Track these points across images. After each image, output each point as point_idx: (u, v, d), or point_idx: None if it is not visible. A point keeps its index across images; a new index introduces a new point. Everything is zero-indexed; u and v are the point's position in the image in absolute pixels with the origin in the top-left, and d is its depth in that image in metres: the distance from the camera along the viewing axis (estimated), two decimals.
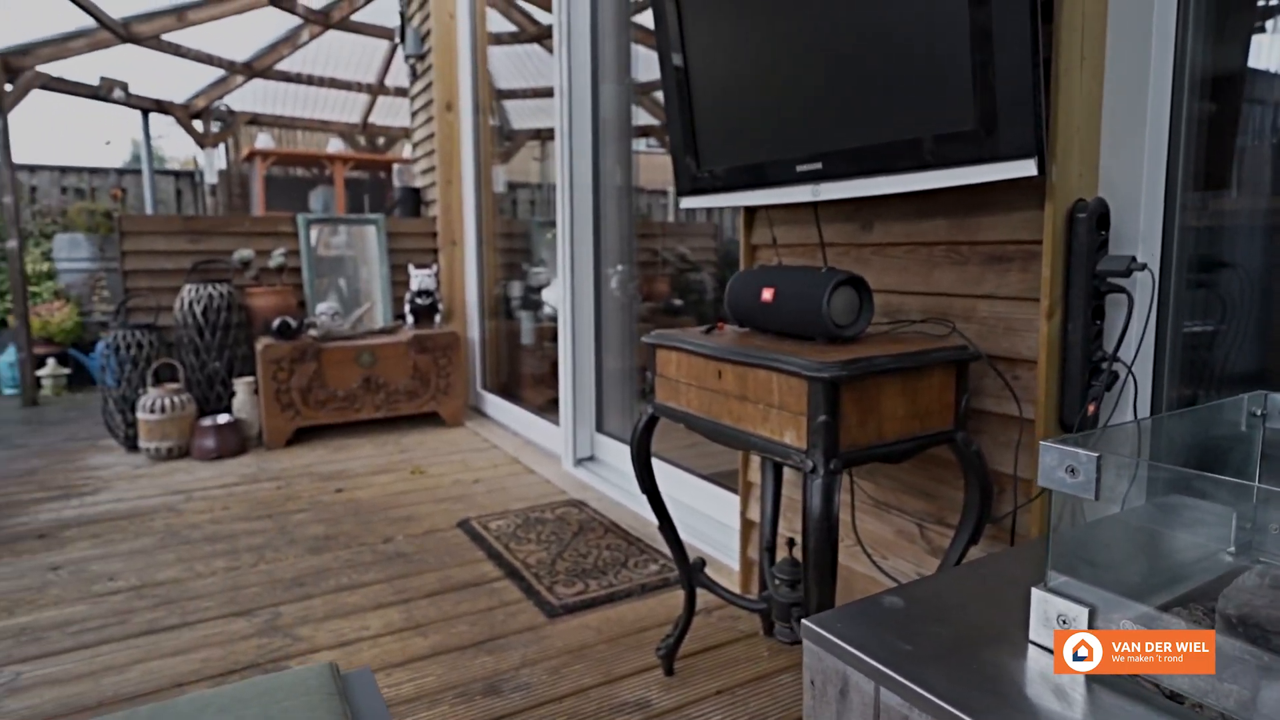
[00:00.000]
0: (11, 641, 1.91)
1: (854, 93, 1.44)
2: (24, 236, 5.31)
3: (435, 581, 2.20)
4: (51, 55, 5.19)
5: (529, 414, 3.85)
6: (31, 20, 5.11)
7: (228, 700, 1.02)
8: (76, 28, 5.14)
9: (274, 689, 1.05)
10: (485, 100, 4.49)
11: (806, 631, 0.77)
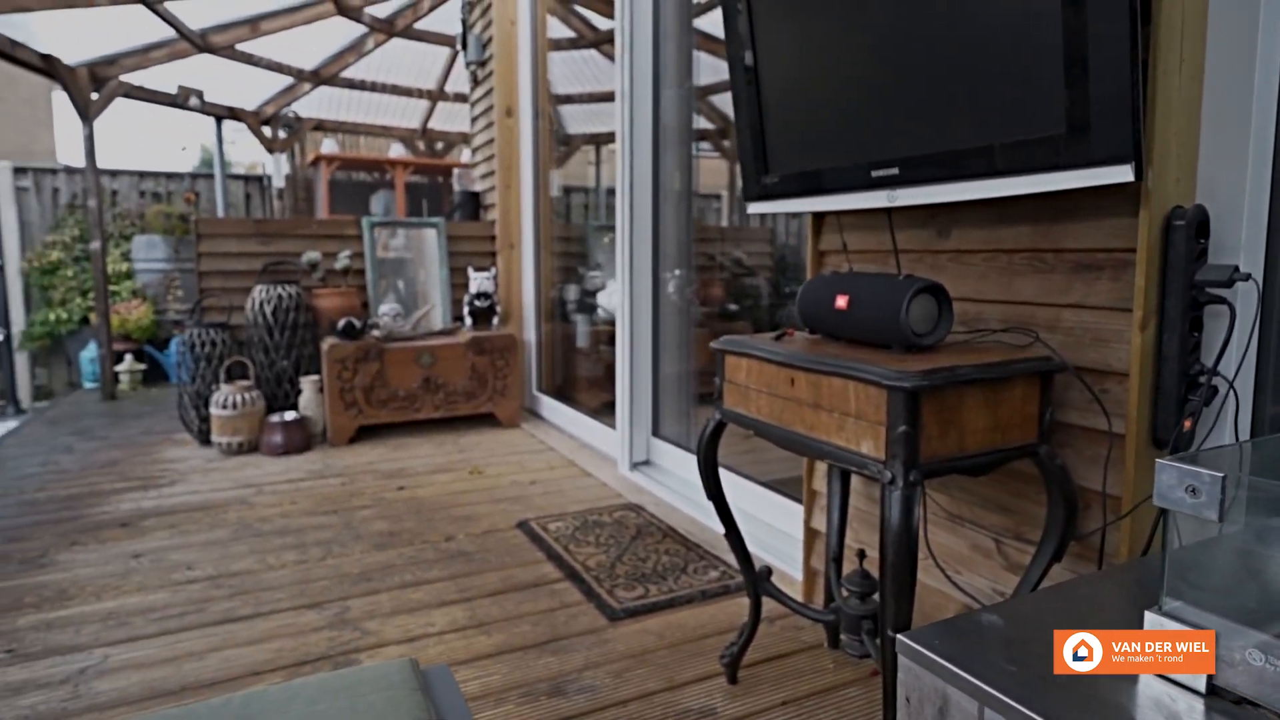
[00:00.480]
0: (99, 625, 2.00)
1: (935, 95, 1.41)
2: (105, 238, 5.57)
3: (497, 581, 2.23)
4: (134, 65, 5.45)
5: (584, 417, 3.88)
6: (116, 32, 5.33)
7: (315, 691, 1.05)
8: (157, 39, 5.37)
9: (357, 682, 1.08)
10: (544, 106, 4.54)
11: (903, 648, 0.75)
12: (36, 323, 5.96)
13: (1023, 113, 1.26)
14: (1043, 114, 1.22)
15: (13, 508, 2.93)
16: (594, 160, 6.24)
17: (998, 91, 1.30)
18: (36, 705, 1.65)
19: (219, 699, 1.04)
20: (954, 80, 1.37)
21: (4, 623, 2.01)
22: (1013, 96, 1.27)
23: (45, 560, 2.42)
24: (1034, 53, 1.22)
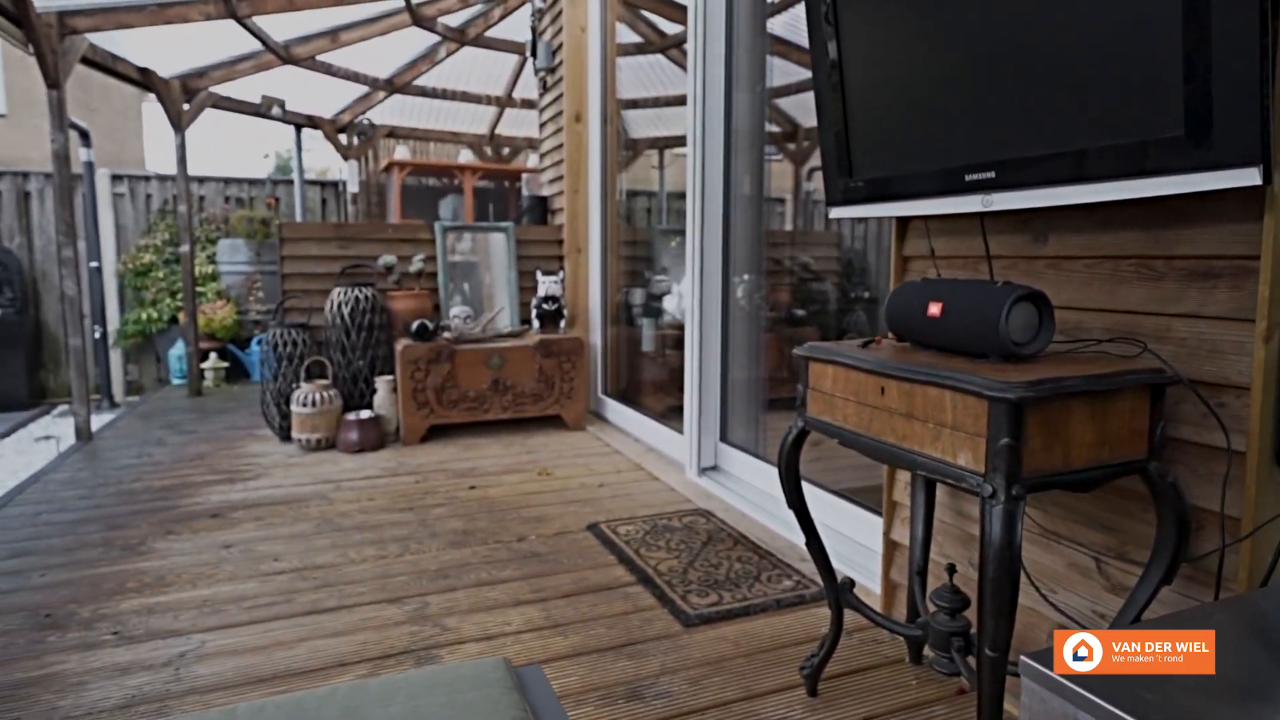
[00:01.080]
0: (196, 611, 2.09)
1: (1036, 95, 1.36)
2: (193, 242, 5.85)
3: (570, 583, 2.25)
4: (223, 77, 5.71)
5: (649, 420, 3.89)
6: (205, 46, 5.60)
7: (415, 686, 1.07)
8: (244, 51, 5.62)
9: (455, 679, 1.10)
10: (612, 111, 4.57)
11: (1029, 670, 0.72)
12: (129, 321, 6.29)
13: (1136, 113, 1.21)
14: (1158, 114, 1.17)
15: (113, 497, 3.10)
16: (657, 164, 6.25)
17: (1107, 91, 1.25)
18: (142, 686, 1.74)
19: (325, 689, 1.07)
20: (1058, 79, 1.32)
21: (109, 606, 2.13)
22: (1124, 96, 1.22)
23: (144, 548, 2.55)
24: (1149, 48, 1.17)
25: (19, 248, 6.39)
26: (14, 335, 6.03)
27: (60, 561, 2.45)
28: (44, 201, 6.49)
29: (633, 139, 5.71)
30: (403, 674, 1.12)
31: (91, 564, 2.42)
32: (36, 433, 5.32)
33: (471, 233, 4.73)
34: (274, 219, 6.69)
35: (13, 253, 6.29)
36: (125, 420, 4.69)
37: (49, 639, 1.95)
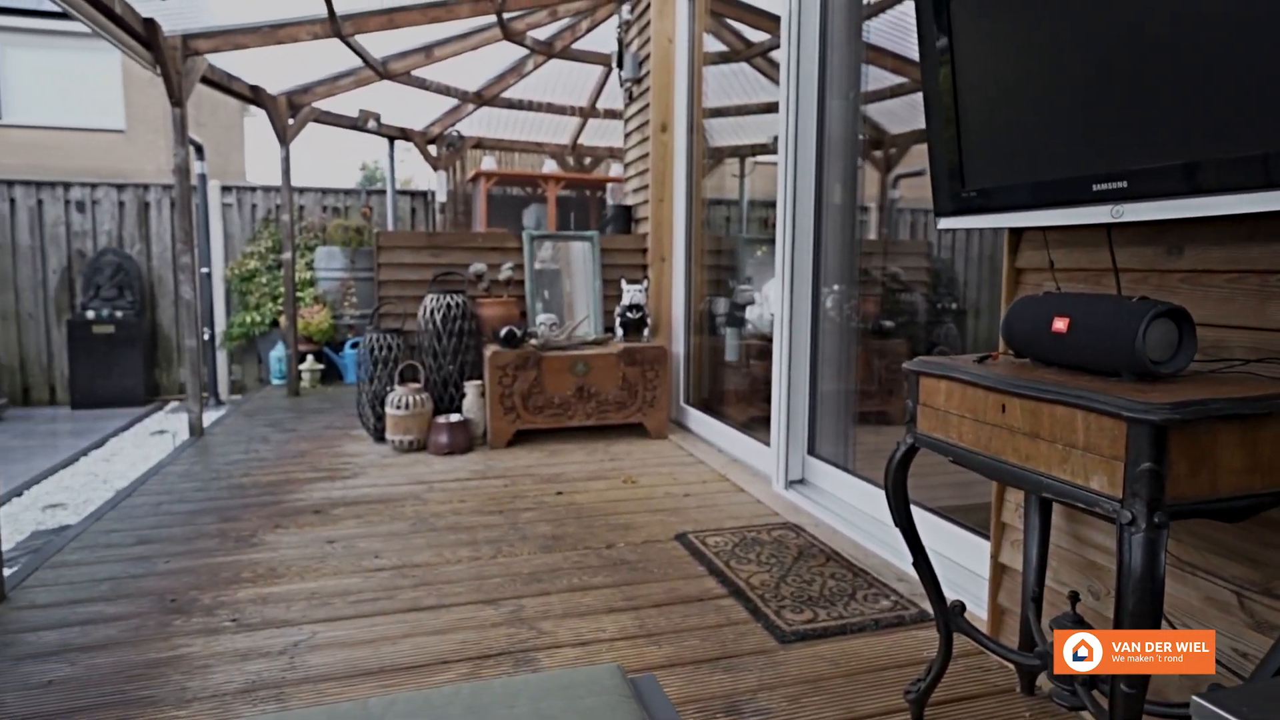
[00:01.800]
0: (305, 603, 2.19)
1: (1176, 99, 1.29)
2: (294, 249, 6.15)
3: (662, 592, 2.25)
4: (324, 93, 6.00)
5: (733, 431, 3.86)
6: (309, 64, 5.90)
7: (535, 689, 1.09)
8: (345, 68, 5.90)
9: (572, 684, 1.11)
10: (699, 120, 4.58)
11: (1202, 711, 0.68)
12: (235, 324, 6.67)
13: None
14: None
15: (225, 490, 3.28)
16: (738, 173, 6.23)
17: (1261, 92, 1.17)
18: (260, 672, 1.83)
19: (449, 687, 1.11)
20: (1201, 81, 1.25)
21: (227, 594, 2.25)
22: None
23: (255, 540, 2.69)
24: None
25: (139, 254, 6.87)
26: (133, 336, 6.48)
27: (181, 550, 2.61)
28: (161, 211, 6.96)
29: (713, 147, 5.71)
30: (521, 677, 1.15)
31: (209, 553, 2.57)
32: (151, 427, 5.69)
33: (557, 241, 4.81)
34: (368, 228, 6.98)
35: (133, 259, 6.77)
36: (231, 418, 4.96)
37: (175, 623, 2.08)
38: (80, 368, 6.36)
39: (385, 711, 1.03)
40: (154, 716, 1.65)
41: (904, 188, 3.92)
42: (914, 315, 4.30)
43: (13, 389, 6.65)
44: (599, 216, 7.33)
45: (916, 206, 4.19)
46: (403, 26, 5.04)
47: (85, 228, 6.80)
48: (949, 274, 4.14)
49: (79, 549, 2.62)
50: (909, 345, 3.76)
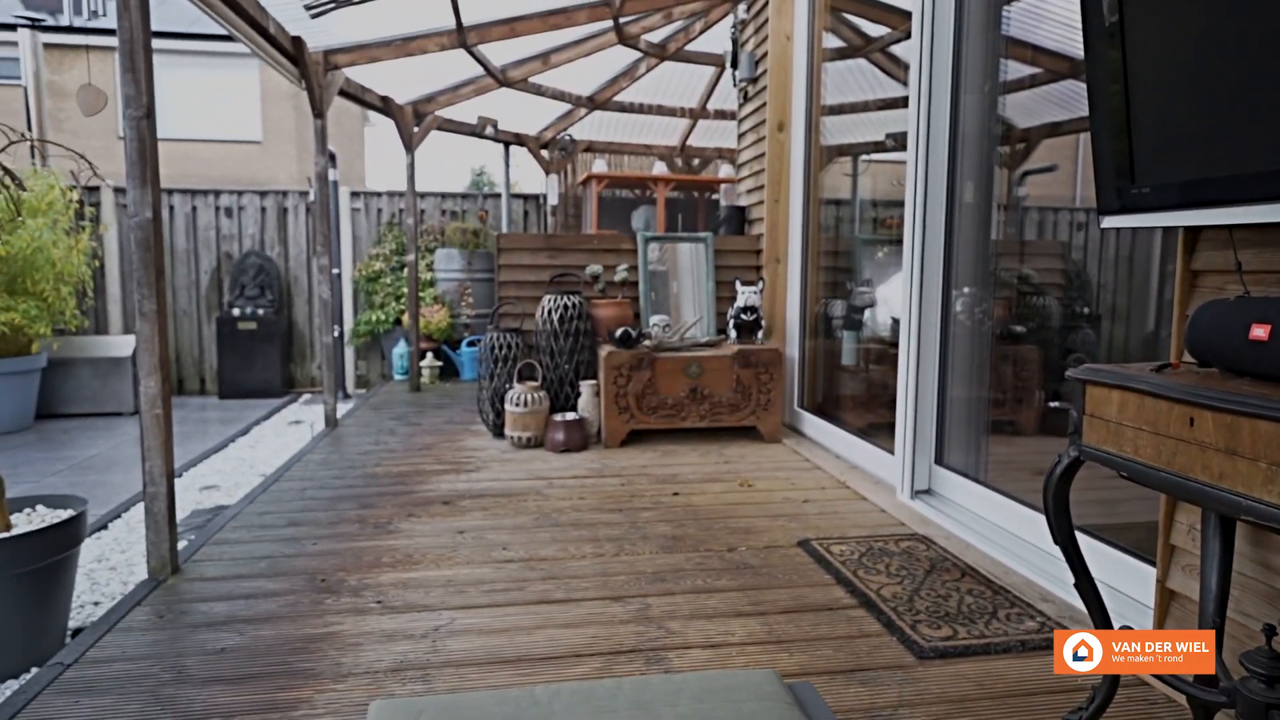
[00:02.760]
0: (443, 590, 2.29)
1: None
2: (418, 251, 6.45)
3: (788, 599, 2.22)
4: (447, 101, 6.27)
5: (851, 437, 3.76)
6: (431, 73, 6.18)
7: (696, 689, 1.10)
8: (466, 77, 6.14)
9: (731, 686, 1.11)
10: (817, 119, 4.50)
11: None
12: (361, 322, 7.06)
13: None
14: None
15: (361, 479, 3.48)
16: (850, 172, 6.07)
17: None
18: (406, 654, 1.92)
19: (610, 681, 1.12)
20: None
21: (371, 577, 2.38)
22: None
23: (392, 527, 2.83)
24: None
25: (278, 256, 7.39)
26: (272, 332, 6.97)
27: (326, 533, 2.78)
28: (297, 216, 7.46)
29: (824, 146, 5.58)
30: (680, 675, 1.15)
31: (351, 538, 2.73)
32: (288, 417, 6.11)
33: (671, 243, 4.83)
34: (484, 230, 7.24)
35: (273, 260, 7.29)
36: (360, 410, 5.26)
37: (326, 601, 2.22)
38: (226, 361, 6.91)
39: (552, 700, 1.06)
40: (315, 688, 1.77)
41: (1030, 185, 3.71)
42: (1046, 320, 4.06)
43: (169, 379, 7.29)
44: (707, 217, 7.33)
45: (1044, 205, 3.96)
46: (523, 35, 5.20)
47: (232, 232, 7.38)
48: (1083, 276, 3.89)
49: (238, 528, 2.84)
50: (1040, 352, 3.55)
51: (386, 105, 5.92)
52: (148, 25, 2.40)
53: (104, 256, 6.86)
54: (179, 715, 1.67)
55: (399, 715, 1.02)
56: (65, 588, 2.36)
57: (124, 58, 2.36)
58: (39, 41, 6.52)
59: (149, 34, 2.41)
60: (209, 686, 1.77)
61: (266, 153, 16.42)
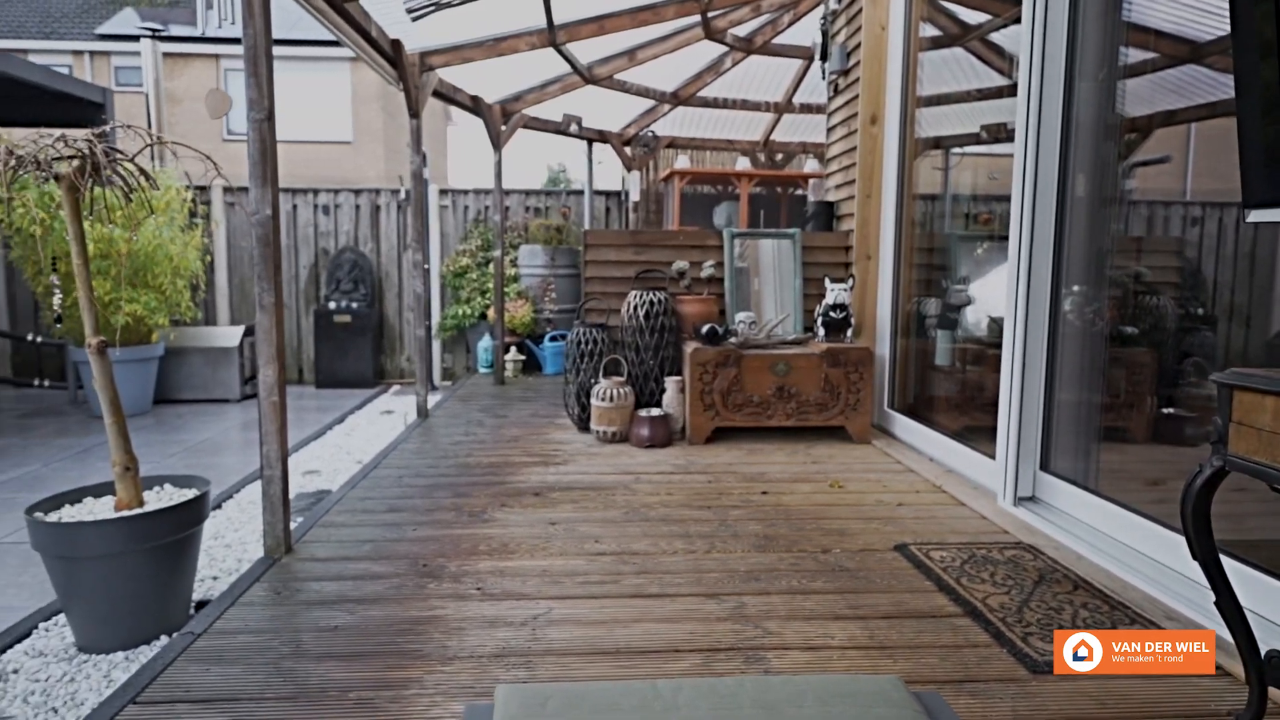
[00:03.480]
0: (539, 579, 2.33)
1: None
2: (504, 247, 6.59)
3: (888, 604, 2.16)
4: (534, 100, 6.37)
5: (946, 439, 3.64)
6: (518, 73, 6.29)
7: (820, 691, 1.08)
8: (553, 75, 6.23)
9: (856, 692, 1.09)
10: (913, 111, 4.36)
11: None
12: (448, 316, 7.27)
13: None
14: None
15: (454, 469, 3.58)
16: (942, 166, 5.86)
17: None
18: (508, 640, 1.96)
19: (732, 679, 1.12)
20: None
21: (469, 564, 2.45)
22: None
23: (486, 516, 2.91)
24: None
25: (370, 252, 7.68)
26: (365, 325, 7.25)
27: (424, 520, 2.87)
28: (389, 214, 7.73)
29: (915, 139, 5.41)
30: (802, 677, 1.14)
31: (448, 525, 2.81)
32: (380, 407, 6.35)
33: (758, 239, 4.78)
34: (567, 227, 7.34)
35: (366, 256, 7.58)
36: (449, 402, 5.41)
37: (429, 586, 2.29)
38: (323, 352, 7.23)
39: (674, 693, 1.06)
40: (423, 668, 1.83)
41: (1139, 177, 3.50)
42: (1160, 321, 3.82)
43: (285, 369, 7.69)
44: (790, 213, 7.22)
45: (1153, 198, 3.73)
46: (611, 32, 5.23)
47: (329, 229, 7.71)
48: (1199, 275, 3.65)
49: (342, 512, 2.97)
50: (1154, 355, 3.35)
51: (476, 105, 6.06)
52: (269, 33, 2.53)
53: (214, 252, 7.28)
54: (299, 687, 1.75)
55: (527, 700, 1.04)
56: (191, 561, 2.52)
57: (248, 63, 2.49)
58: (159, 51, 6.98)
59: (270, 41, 2.54)
60: (325, 662, 1.86)
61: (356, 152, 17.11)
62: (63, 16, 17.56)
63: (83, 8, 17.85)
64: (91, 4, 18.00)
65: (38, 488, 3.94)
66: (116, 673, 2.20)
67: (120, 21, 16.98)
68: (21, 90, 5.84)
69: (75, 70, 16.06)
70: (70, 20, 17.43)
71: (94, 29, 16.99)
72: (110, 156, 2.41)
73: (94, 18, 17.46)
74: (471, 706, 0.98)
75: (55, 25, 17.31)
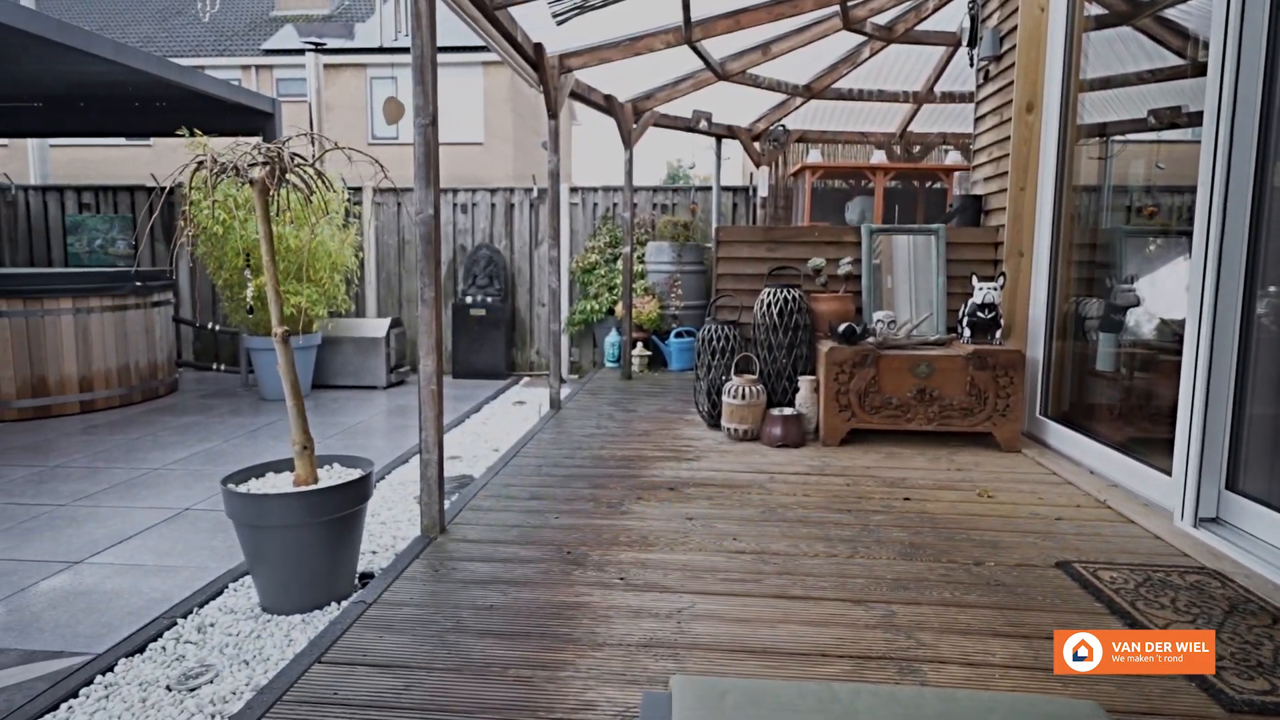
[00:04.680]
0: (680, 573, 2.35)
1: None
2: (633, 244, 6.69)
3: (1054, 623, 2.02)
4: (665, 97, 6.41)
5: (1110, 451, 3.37)
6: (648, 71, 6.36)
7: (1007, 710, 1.03)
8: (685, 72, 6.24)
9: (1050, 714, 1.03)
10: (1075, 97, 4.06)
11: None
12: (576, 311, 7.47)
13: None
14: None
15: (588, 460, 3.68)
16: (1102, 155, 5.42)
17: None
18: (654, 631, 2.00)
19: (912, 688, 1.09)
20: None
21: (611, 554, 2.51)
22: None
23: (623, 508, 2.96)
24: None
25: (504, 249, 8.00)
26: (499, 319, 7.57)
27: (565, 508, 2.96)
28: (522, 212, 8.02)
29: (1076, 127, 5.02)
30: (987, 694, 1.09)
31: (588, 515, 2.89)
32: (513, 398, 6.61)
33: (898, 235, 4.61)
34: (694, 224, 7.35)
35: (500, 252, 7.90)
36: (579, 395, 5.56)
37: (574, 573, 2.36)
38: (460, 344, 7.61)
39: (853, 698, 1.04)
40: (575, 652, 1.89)
41: None
42: None
43: (413, 359, 8.16)
44: (928, 208, 6.90)
45: None
46: (746, 27, 5.19)
47: (466, 226, 8.09)
48: None
49: (487, 497, 3.11)
50: None
51: (609, 104, 6.17)
52: (435, 44, 2.68)
53: (364, 249, 7.82)
54: (463, 660, 1.86)
55: (703, 692, 1.06)
56: (357, 536, 2.72)
57: (415, 72, 2.65)
58: (320, 63, 7.55)
59: (435, 52, 2.69)
60: (484, 638, 1.96)
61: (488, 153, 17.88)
62: (233, 34, 19.39)
63: (250, 26, 19.64)
64: (257, 22, 19.77)
65: (219, 461, 4.38)
66: (295, 633, 2.41)
67: (282, 37, 18.55)
68: (206, 102, 6.50)
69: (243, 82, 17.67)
70: (239, 37, 19.23)
71: (259, 45, 18.66)
72: (294, 161, 2.64)
73: (259, 34, 19.18)
74: (649, 694, 1.01)
75: (227, 43, 19.15)
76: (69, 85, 6.20)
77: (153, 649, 2.34)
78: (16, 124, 7.65)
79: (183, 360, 7.82)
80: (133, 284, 6.10)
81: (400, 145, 13.10)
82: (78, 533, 3.28)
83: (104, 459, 4.43)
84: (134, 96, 6.56)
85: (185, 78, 5.93)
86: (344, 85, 17.42)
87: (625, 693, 1.71)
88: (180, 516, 3.51)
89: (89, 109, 7.15)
